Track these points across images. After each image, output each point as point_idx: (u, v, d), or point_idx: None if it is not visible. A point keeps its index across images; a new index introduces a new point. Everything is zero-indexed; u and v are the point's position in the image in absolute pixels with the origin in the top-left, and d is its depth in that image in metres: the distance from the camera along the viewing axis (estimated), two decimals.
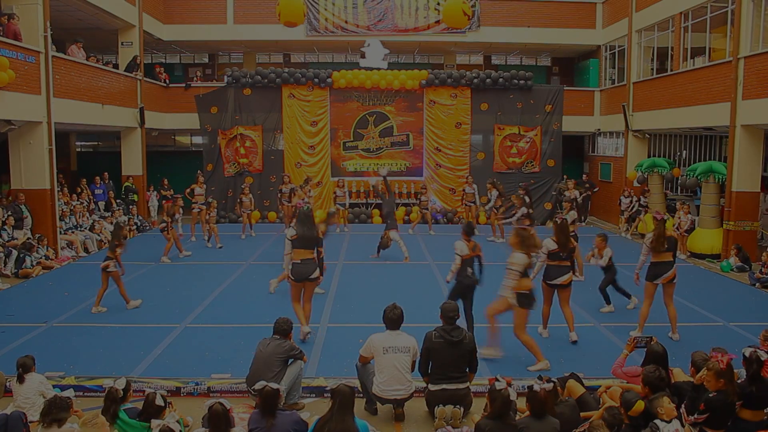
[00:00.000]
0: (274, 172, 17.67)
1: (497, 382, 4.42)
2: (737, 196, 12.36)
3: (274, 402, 4.42)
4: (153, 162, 18.12)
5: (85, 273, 10.86)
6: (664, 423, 4.19)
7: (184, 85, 18.78)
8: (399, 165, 18.24)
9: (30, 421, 4.71)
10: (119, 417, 4.62)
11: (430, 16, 18.40)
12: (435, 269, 11.27)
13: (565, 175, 18.26)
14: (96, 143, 21.45)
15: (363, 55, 17.65)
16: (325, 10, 18.35)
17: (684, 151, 17.42)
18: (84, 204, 14.74)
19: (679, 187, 16.72)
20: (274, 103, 17.77)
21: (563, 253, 7.27)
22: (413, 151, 18.19)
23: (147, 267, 11.46)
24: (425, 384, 5.46)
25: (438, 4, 17.95)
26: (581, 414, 4.82)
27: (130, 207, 15.96)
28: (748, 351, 4.60)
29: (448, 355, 5.29)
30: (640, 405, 4.27)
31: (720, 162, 13.76)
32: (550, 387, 4.50)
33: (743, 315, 8.65)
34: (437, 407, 5.23)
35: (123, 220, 14.71)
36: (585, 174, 20.12)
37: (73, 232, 13.36)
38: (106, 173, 16.68)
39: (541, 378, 4.66)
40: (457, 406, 5.23)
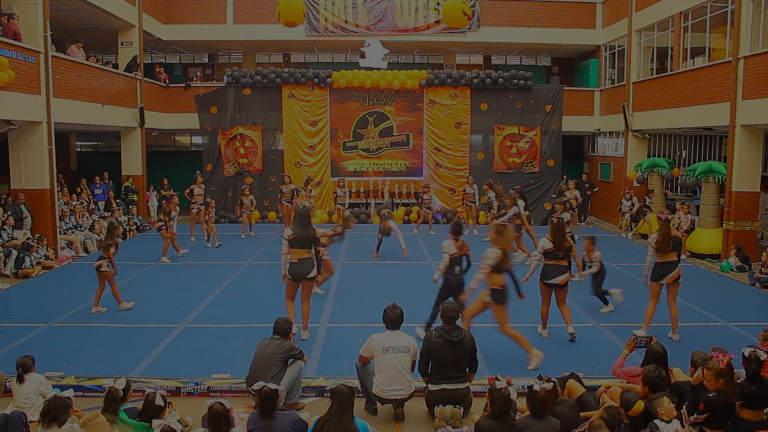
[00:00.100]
0: (274, 172, 17.69)
1: (497, 381, 4.43)
2: (737, 196, 12.36)
3: (272, 402, 4.42)
4: (153, 162, 18.12)
5: (85, 273, 10.84)
6: (663, 423, 4.19)
7: (184, 85, 18.77)
8: (399, 165, 18.24)
9: (30, 421, 4.71)
10: (119, 417, 4.61)
11: (429, 16, 18.40)
12: (435, 269, 11.20)
13: (565, 175, 18.26)
14: (96, 143, 21.44)
15: (363, 55, 17.67)
16: (325, 10, 18.35)
17: (684, 151, 17.41)
18: (84, 204, 14.75)
19: (679, 187, 16.71)
20: (273, 103, 17.77)
21: (560, 253, 7.29)
22: (413, 151, 18.20)
23: (147, 267, 11.46)
24: (425, 384, 5.46)
25: (438, 4, 17.95)
26: (581, 414, 4.82)
27: (129, 207, 15.96)
28: (747, 351, 4.61)
29: (448, 355, 5.29)
30: (639, 405, 4.27)
31: (720, 162, 13.75)
32: (550, 387, 4.50)
33: (743, 315, 8.65)
34: (437, 407, 5.24)
35: (117, 220, 14.68)
36: (585, 174, 20.11)
37: (73, 232, 13.37)
38: (105, 173, 16.69)
39: (541, 378, 4.66)
40: (457, 406, 5.24)
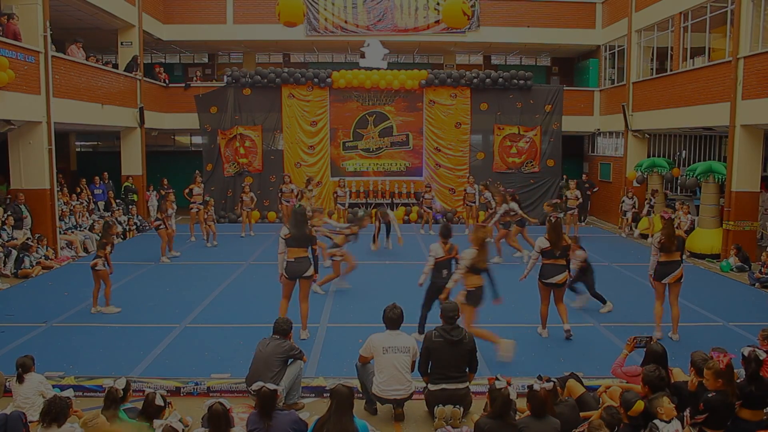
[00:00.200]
0: (273, 172, 17.68)
1: (497, 381, 4.43)
2: (737, 196, 12.36)
3: (271, 402, 4.42)
4: (152, 162, 18.12)
5: (85, 273, 10.75)
6: (663, 423, 4.19)
7: (183, 85, 18.76)
8: (398, 165, 18.24)
9: (30, 421, 4.71)
10: (119, 417, 4.61)
11: (429, 16, 18.39)
12: None
13: (565, 175, 18.26)
14: (96, 143, 21.45)
15: (363, 55, 17.66)
16: (325, 10, 18.34)
17: (684, 151, 17.41)
18: (84, 204, 14.75)
19: (679, 187, 16.71)
20: (273, 103, 17.77)
21: (557, 252, 7.29)
22: (413, 151, 18.20)
23: (147, 267, 11.46)
24: (425, 384, 5.46)
25: (438, 4, 17.95)
26: (581, 414, 4.82)
27: (129, 207, 15.95)
28: (746, 350, 4.61)
29: (447, 355, 5.29)
30: (639, 405, 4.27)
31: (720, 162, 13.75)
32: (550, 387, 4.50)
33: (743, 315, 8.66)
34: (437, 407, 5.24)
35: (117, 219, 14.69)
36: (585, 174, 20.11)
37: (73, 232, 13.36)
38: (105, 173, 16.69)
39: (541, 378, 4.66)
40: (457, 406, 5.24)
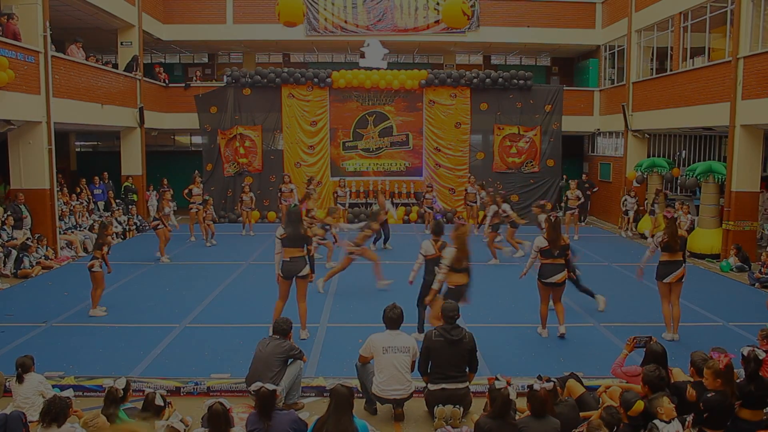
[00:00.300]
0: (273, 172, 17.69)
1: (497, 381, 4.43)
2: (737, 195, 12.36)
3: (270, 403, 4.41)
4: (152, 162, 18.11)
5: (85, 273, 10.68)
6: (663, 423, 4.19)
7: (183, 85, 18.77)
8: (398, 165, 18.24)
9: (29, 421, 4.71)
10: (119, 417, 4.61)
11: (429, 16, 18.39)
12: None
13: (565, 175, 18.26)
14: (95, 143, 21.44)
15: (362, 55, 17.66)
16: (325, 9, 18.34)
17: (683, 151, 17.41)
18: (83, 204, 14.74)
19: (679, 187, 16.71)
20: (273, 103, 17.77)
21: (555, 251, 7.29)
22: (413, 151, 18.20)
23: (147, 267, 11.45)
24: (425, 384, 5.46)
25: (437, 4, 17.95)
26: (581, 414, 4.82)
27: (129, 207, 15.94)
28: (746, 350, 4.61)
29: (447, 355, 5.29)
30: (639, 405, 4.27)
31: (719, 162, 13.75)
32: (550, 387, 4.50)
33: (743, 315, 8.64)
34: (437, 407, 5.23)
35: (117, 219, 14.70)
36: (584, 174, 20.11)
37: (73, 232, 13.36)
38: (105, 173, 16.67)
39: (541, 378, 4.66)
40: (457, 405, 5.23)
